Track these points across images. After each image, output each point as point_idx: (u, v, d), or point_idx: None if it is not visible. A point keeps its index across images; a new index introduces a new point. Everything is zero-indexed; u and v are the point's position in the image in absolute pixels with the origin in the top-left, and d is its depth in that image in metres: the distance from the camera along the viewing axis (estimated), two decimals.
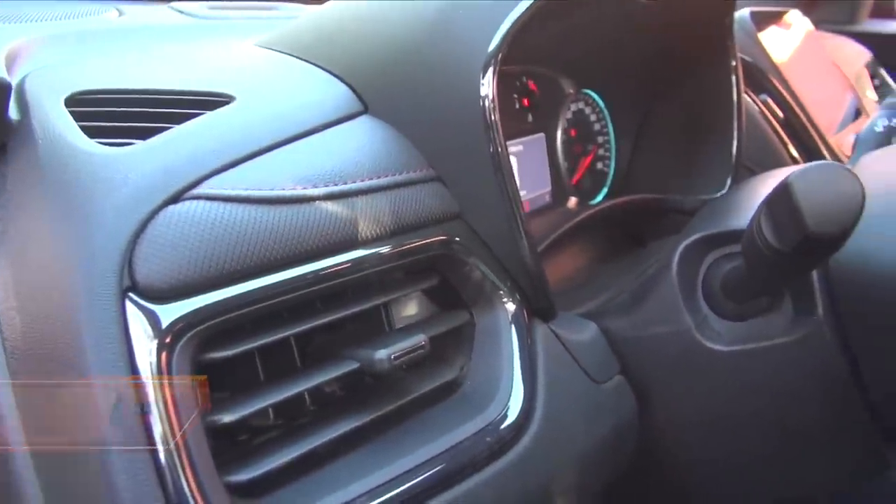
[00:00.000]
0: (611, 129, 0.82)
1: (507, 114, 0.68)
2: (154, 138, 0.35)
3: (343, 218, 0.37)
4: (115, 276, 0.29)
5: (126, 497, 0.26)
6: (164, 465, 0.27)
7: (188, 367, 0.29)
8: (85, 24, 0.66)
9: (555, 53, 0.72)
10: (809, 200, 0.32)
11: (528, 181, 0.71)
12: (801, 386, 0.46)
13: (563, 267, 0.67)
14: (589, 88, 0.79)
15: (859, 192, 0.32)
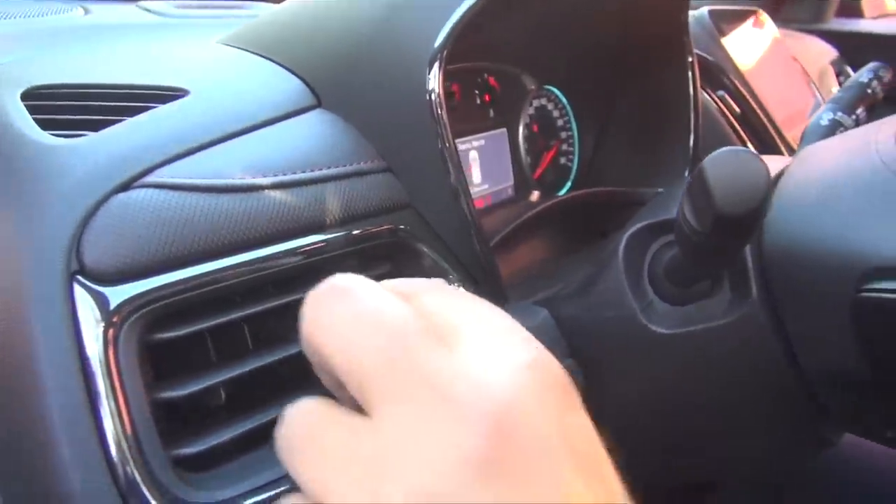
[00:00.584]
0: (574, 124, 0.84)
1: (468, 109, 0.70)
2: (106, 129, 0.37)
3: (291, 206, 0.38)
4: (64, 260, 0.30)
5: (73, 471, 0.28)
6: (108, 439, 0.28)
7: (135, 346, 0.31)
8: (51, 21, 0.67)
9: (516, 50, 0.74)
10: (719, 183, 0.33)
11: (490, 175, 0.73)
12: (738, 367, 0.48)
13: (525, 258, 0.69)
14: (551, 85, 0.81)
15: (764, 176, 0.33)
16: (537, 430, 0.22)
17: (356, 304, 0.24)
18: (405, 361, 0.22)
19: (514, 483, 0.21)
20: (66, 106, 0.39)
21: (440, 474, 0.20)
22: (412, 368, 0.22)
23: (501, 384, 0.22)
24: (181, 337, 0.33)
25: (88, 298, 0.30)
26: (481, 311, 0.26)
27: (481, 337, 0.24)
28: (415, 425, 0.21)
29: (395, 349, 0.22)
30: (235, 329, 0.37)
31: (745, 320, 0.46)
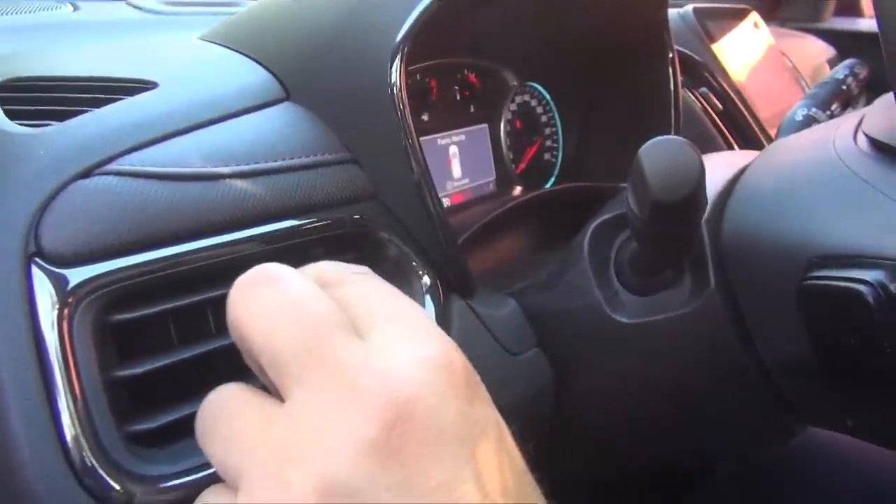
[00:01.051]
0: (557, 120, 0.85)
1: (447, 105, 0.71)
2: (72, 119, 0.38)
3: (251, 195, 0.40)
4: (21, 243, 0.31)
5: (25, 445, 0.29)
6: (61, 415, 0.30)
7: (90, 327, 0.32)
8: (39, 17, 0.68)
9: (497, 47, 0.75)
10: (653, 171, 0.34)
11: (471, 170, 0.74)
12: (698, 356, 0.48)
13: (504, 251, 0.70)
14: (533, 81, 0.81)
15: (697, 164, 0.34)
16: (434, 420, 0.23)
17: (279, 293, 0.25)
18: (318, 351, 0.23)
19: (409, 469, 0.22)
20: (36, 97, 0.40)
21: (340, 460, 0.22)
22: (324, 358, 0.23)
23: (404, 376, 0.23)
24: (139, 318, 0.34)
25: (45, 280, 0.31)
26: (398, 306, 0.27)
27: (393, 331, 0.25)
28: (321, 412, 0.22)
29: (309, 339, 0.24)
30: (200, 313, 0.38)
31: (703, 310, 0.47)
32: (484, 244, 0.64)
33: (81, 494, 0.30)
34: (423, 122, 0.68)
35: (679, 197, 0.34)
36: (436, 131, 0.70)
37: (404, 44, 0.44)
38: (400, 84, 0.44)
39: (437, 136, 0.70)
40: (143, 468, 0.32)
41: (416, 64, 0.66)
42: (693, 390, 0.50)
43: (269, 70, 0.49)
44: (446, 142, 0.71)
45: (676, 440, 0.53)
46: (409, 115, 0.45)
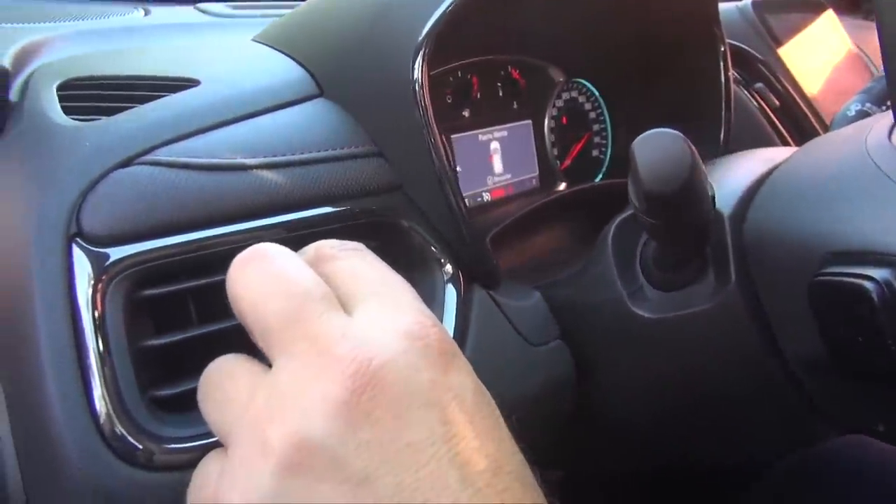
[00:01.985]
0: (607, 116, 0.85)
1: (489, 101, 0.72)
2: (118, 115, 0.42)
3: (278, 184, 0.42)
4: (64, 225, 0.35)
5: (55, 407, 0.33)
6: (90, 378, 0.33)
7: (121, 301, 0.35)
8: (111, 22, 0.74)
9: (543, 44, 0.76)
10: (644, 164, 0.35)
11: (513, 165, 0.75)
12: (720, 353, 0.48)
13: (538, 246, 0.71)
14: (581, 77, 0.82)
15: (688, 157, 0.34)
16: (404, 386, 0.24)
17: (268, 268, 0.27)
18: (301, 322, 0.26)
19: (378, 430, 0.24)
20: (90, 94, 0.44)
21: (314, 419, 0.24)
22: (306, 329, 0.26)
23: (378, 345, 0.25)
24: (165, 294, 0.37)
25: (84, 258, 0.35)
26: (384, 281, 0.29)
27: (376, 305, 0.27)
28: (300, 376, 0.25)
29: (294, 311, 0.26)
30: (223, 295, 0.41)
31: (724, 306, 0.47)
32: (518, 238, 0.65)
33: (106, 451, 0.33)
34: (463, 118, 0.70)
35: (670, 189, 0.34)
36: (477, 127, 0.71)
37: (426, 42, 0.46)
38: (422, 80, 0.46)
39: (478, 131, 0.71)
40: (163, 430, 0.35)
41: (457, 61, 0.68)
42: (715, 388, 0.50)
43: (305, 68, 0.52)
44: (487, 137, 0.72)
45: (698, 438, 0.53)
46: (430, 111, 0.46)
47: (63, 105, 0.43)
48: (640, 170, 0.35)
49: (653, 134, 0.35)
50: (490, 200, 0.73)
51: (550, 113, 0.79)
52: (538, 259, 0.66)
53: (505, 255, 0.65)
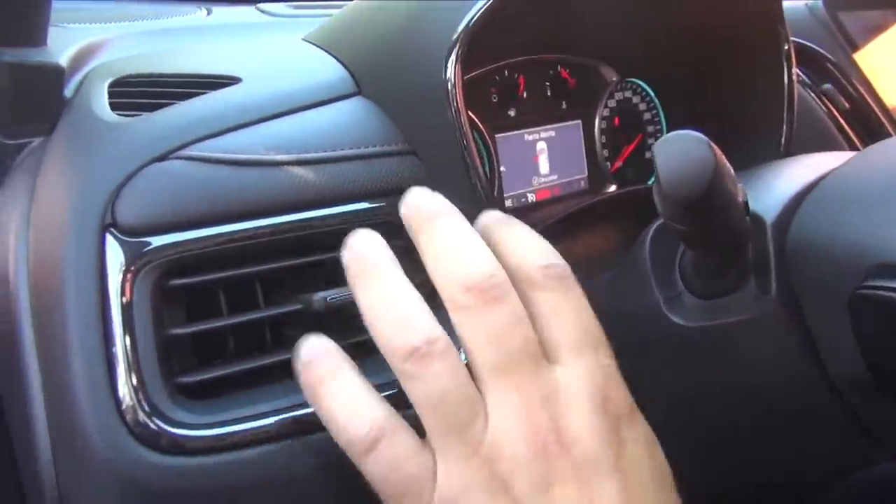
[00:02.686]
0: (662, 118, 0.82)
1: (536, 101, 0.71)
2: (160, 111, 0.43)
3: (306, 181, 0.43)
4: (99, 215, 0.37)
5: (81, 391, 0.34)
6: (115, 366, 0.35)
7: (149, 290, 0.37)
8: (174, 22, 0.77)
9: (594, 43, 0.74)
10: (664, 167, 0.33)
11: (560, 166, 0.74)
12: (760, 367, 0.46)
13: (579, 248, 0.69)
14: (635, 77, 0.80)
15: (709, 162, 0.33)
16: (592, 454, 0.29)
17: (493, 318, 0.30)
18: (512, 374, 0.29)
19: (561, 490, 0.27)
20: (138, 91, 0.46)
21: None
22: (518, 381, 0.29)
23: (573, 414, 0.29)
24: (192, 284, 0.39)
25: (116, 248, 0.37)
26: (587, 331, 0.34)
27: (574, 362, 0.31)
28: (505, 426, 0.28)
29: (508, 365, 0.29)
30: (250, 288, 0.42)
31: (764, 317, 0.45)
32: (562, 241, 0.64)
33: (128, 436, 0.34)
34: (508, 118, 0.69)
35: (692, 194, 0.33)
36: (523, 127, 0.71)
37: (460, 42, 0.46)
38: (455, 80, 0.46)
39: (524, 131, 0.71)
40: (186, 416, 0.36)
41: (503, 60, 0.67)
42: (756, 403, 0.48)
43: (345, 66, 0.53)
44: (534, 137, 0.71)
45: (739, 457, 0.51)
46: (463, 111, 0.46)
47: (111, 101, 0.45)
48: (661, 174, 0.33)
49: (674, 136, 0.34)
50: (535, 201, 0.72)
51: (601, 113, 0.78)
52: (580, 262, 0.65)
53: None
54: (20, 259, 0.38)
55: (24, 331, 0.37)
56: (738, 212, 0.37)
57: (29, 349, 0.36)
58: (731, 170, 0.35)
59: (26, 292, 0.37)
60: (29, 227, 0.38)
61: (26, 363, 0.36)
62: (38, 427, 0.36)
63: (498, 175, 0.68)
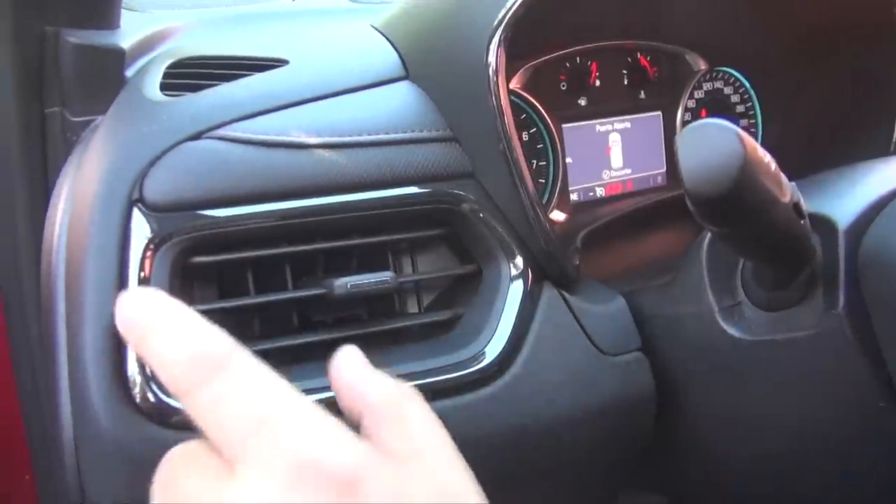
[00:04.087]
0: (757, 109, 0.76)
1: (610, 90, 0.68)
2: (203, 91, 0.44)
3: (339, 164, 0.43)
4: (128, 190, 0.38)
5: (90, 362, 0.36)
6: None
7: (169, 267, 0.38)
8: (260, 7, 0.78)
9: (682, 29, 0.70)
10: (688, 161, 0.30)
11: (635, 160, 0.70)
12: (823, 387, 0.41)
13: (656, 248, 0.65)
14: (727, 66, 0.74)
15: (738, 156, 0.29)
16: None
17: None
18: None
19: None
20: (190, 73, 0.48)
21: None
22: None
23: None
24: (213, 263, 0.39)
25: (141, 223, 0.38)
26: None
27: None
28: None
29: None
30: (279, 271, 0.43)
31: (830, 333, 0.40)
32: (627, 238, 0.61)
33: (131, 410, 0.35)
34: (578, 107, 0.66)
35: (716, 191, 0.29)
36: (595, 117, 0.67)
37: (503, 26, 0.44)
38: (496, 66, 0.44)
39: (595, 121, 0.67)
40: None
41: (572, 46, 0.64)
42: (817, 427, 0.43)
43: (398, 51, 0.52)
44: (606, 128, 0.68)
45: (796, 484, 0.46)
46: (504, 98, 0.44)
47: (164, 82, 0.46)
48: (683, 168, 0.30)
49: (699, 125, 0.30)
50: (604, 196, 0.68)
51: (686, 104, 0.72)
52: (645, 262, 0.61)
53: (608, 255, 0.61)
54: (63, 228, 0.40)
55: (58, 297, 0.39)
56: (784, 213, 0.33)
57: (60, 315, 0.38)
58: (769, 164, 0.31)
59: (62, 262, 0.39)
60: (71, 199, 0.40)
61: (57, 329, 0.38)
62: (62, 398, 0.38)
63: (563, 166, 0.65)
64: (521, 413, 0.44)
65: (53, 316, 0.39)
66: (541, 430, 0.44)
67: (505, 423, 0.43)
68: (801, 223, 0.35)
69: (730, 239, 0.36)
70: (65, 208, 0.41)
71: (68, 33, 0.47)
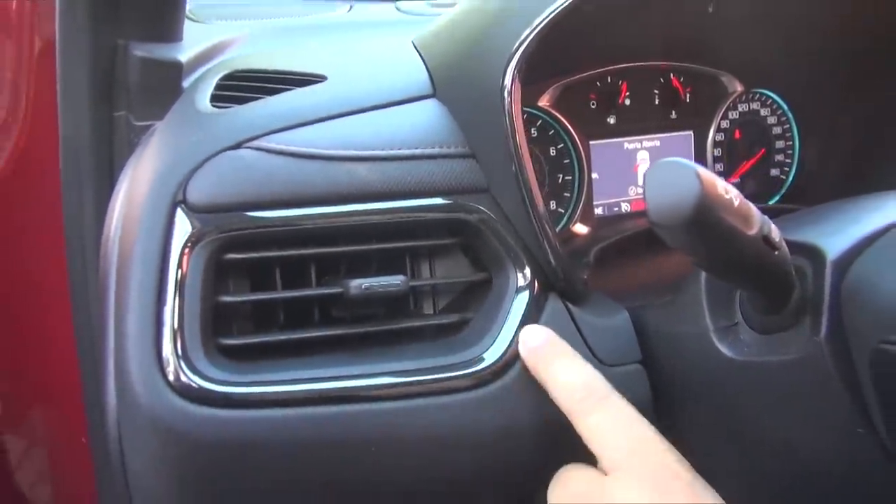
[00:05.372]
0: (795, 132, 0.77)
1: (640, 109, 0.70)
2: (246, 104, 0.49)
3: (363, 175, 0.47)
4: (173, 192, 0.43)
5: (130, 342, 0.41)
6: (162, 325, 0.41)
7: (204, 262, 0.43)
8: (317, 18, 0.84)
9: (716, 51, 0.71)
10: (651, 193, 0.32)
11: None
12: (805, 410, 0.43)
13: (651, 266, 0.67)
14: (763, 88, 0.74)
15: (695, 190, 0.31)
16: None
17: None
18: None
19: None
20: (238, 86, 0.53)
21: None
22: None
23: None
24: (244, 260, 0.44)
25: (183, 222, 0.43)
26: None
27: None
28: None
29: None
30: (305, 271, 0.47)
31: (810, 359, 0.42)
32: (634, 255, 0.63)
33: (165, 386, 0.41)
34: (607, 125, 0.68)
35: (672, 222, 0.32)
36: (624, 134, 0.69)
37: (517, 52, 0.47)
38: (511, 88, 0.47)
39: (623, 139, 0.69)
40: (216, 373, 0.42)
41: (602, 67, 0.66)
42: (801, 446, 0.44)
43: (427, 69, 0.56)
44: (635, 146, 0.70)
45: (781, 497, 0.47)
46: (518, 118, 0.47)
47: (214, 94, 0.52)
48: (647, 201, 0.33)
49: (663, 163, 0.33)
50: (629, 211, 0.71)
51: (719, 124, 0.74)
52: (658, 280, 0.63)
53: (622, 270, 0.63)
54: (118, 222, 0.46)
55: (111, 284, 0.44)
56: (751, 245, 0.35)
57: (111, 300, 0.44)
58: (731, 200, 0.33)
59: (116, 251, 0.45)
60: (127, 196, 0.46)
61: (108, 313, 0.44)
62: (108, 375, 0.43)
63: (588, 182, 0.67)
64: (518, 414, 0.47)
65: (106, 299, 0.44)
66: (537, 431, 0.47)
67: (501, 423, 0.47)
68: (775, 254, 0.37)
69: (701, 266, 0.38)
70: (122, 203, 0.47)
71: (136, 46, 0.53)
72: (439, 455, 0.45)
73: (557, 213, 0.67)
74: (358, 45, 0.66)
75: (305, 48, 0.65)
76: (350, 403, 0.43)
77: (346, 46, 0.65)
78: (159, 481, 0.41)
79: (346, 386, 0.43)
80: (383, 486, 0.45)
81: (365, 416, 0.43)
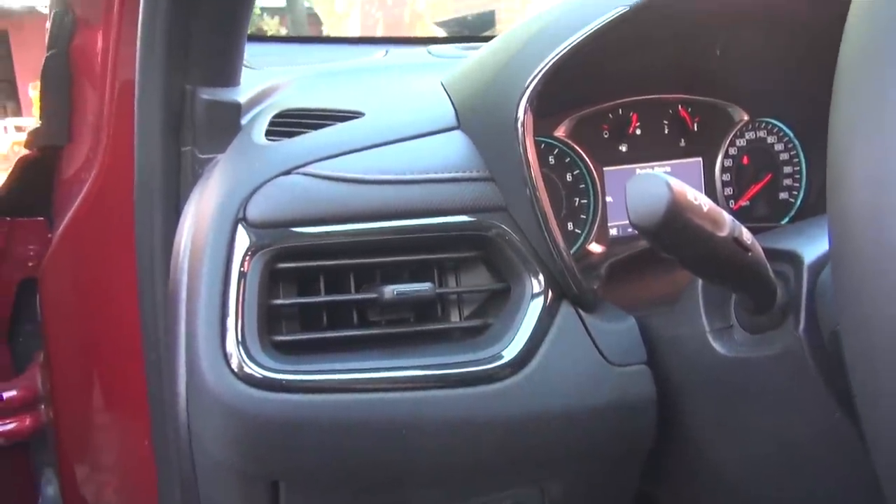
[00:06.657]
0: (802, 157, 0.82)
1: (651, 138, 0.76)
2: (296, 137, 0.57)
3: (397, 196, 0.54)
4: (235, 211, 0.51)
5: (202, 336, 0.49)
6: (226, 324, 0.48)
7: (260, 269, 0.50)
8: (354, 63, 0.92)
9: (722, 84, 0.77)
10: (631, 199, 0.39)
11: None
12: (790, 400, 0.48)
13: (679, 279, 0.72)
14: (769, 117, 0.80)
15: (665, 198, 0.37)
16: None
17: None
18: None
19: None
20: (288, 122, 0.61)
21: None
22: None
23: None
24: (295, 269, 0.51)
25: (243, 236, 0.51)
26: None
27: None
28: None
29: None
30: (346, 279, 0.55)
31: (793, 353, 0.47)
32: (643, 270, 0.68)
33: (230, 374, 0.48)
34: (619, 153, 0.75)
35: (648, 225, 0.38)
36: (636, 161, 0.75)
37: (528, 88, 0.54)
38: (524, 120, 0.54)
39: (636, 165, 0.75)
40: (272, 363, 0.49)
41: (615, 100, 0.73)
42: (790, 435, 0.49)
43: (453, 105, 0.63)
44: (646, 172, 0.76)
45: (777, 483, 0.52)
46: (531, 147, 0.54)
47: (268, 129, 0.60)
48: (627, 206, 0.39)
49: (639, 176, 0.39)
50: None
51: (727, 151, 0.79)
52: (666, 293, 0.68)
53: (632, 285, 0.69)
54: (187, 238, 0.54)
55: (181, 290, 0.52)
56: (723, 245, 0.41)
57: (182, 303, 0.51)
58: (701, 206, 0.39)
59: (187, 263, 0.53)
60: (195, 216, 0.54)
61: (179, 314, 0.52)
62: (179, 366, 0.51)
63: (602, 205, 0.74)
64: (532, 405, 0.53)
65: (177, 304, 0.52)
66: (549, 422, 0.53)
67: (517, 412, 0.53)
68: (748, 255, 0.43)
69: (686, 266, 0.44)
70: (191, 223, 0.55)
71: (201, 91, 0.62)
72: (460, 440, 0.51)
73: (574, 234, 0.73)
74: (392, 85, 0.74)
75: (346, 89, 0.73)
76: (382, 392, 0.49)
77: (382, 87, 0.73)
78: (224, 454, 0.48)
79: (379, 377, 0.50)
80: (413, 467, 0.51)
81: (395, 403, 0.49)
